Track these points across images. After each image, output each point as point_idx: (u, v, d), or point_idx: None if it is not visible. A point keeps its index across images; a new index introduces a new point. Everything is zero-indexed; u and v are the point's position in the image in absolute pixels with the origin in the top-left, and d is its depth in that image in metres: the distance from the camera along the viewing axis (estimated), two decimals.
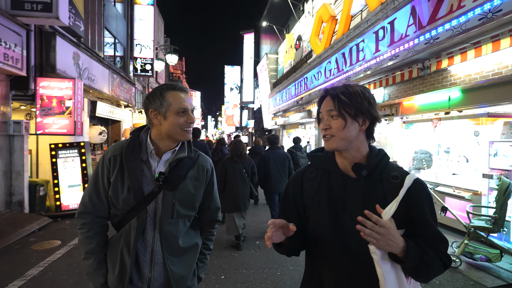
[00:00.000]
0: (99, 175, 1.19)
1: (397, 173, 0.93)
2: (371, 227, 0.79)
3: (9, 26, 4.60)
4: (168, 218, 1.16)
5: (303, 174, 1.07)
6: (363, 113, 0.92)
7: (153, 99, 1.16)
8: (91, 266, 1.16)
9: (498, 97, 3.67)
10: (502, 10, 2.85)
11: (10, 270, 3.24)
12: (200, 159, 1.27)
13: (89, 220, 1.18)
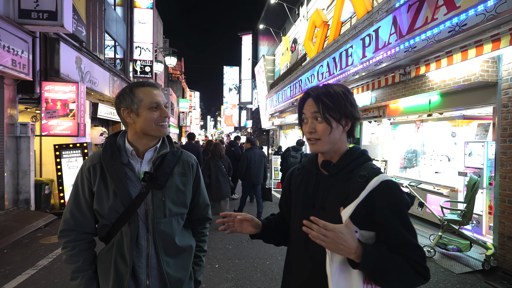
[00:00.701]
0: (79, 188, 1.13)
1: (366, 172, 0.91)
2: (317, 230, 0.80)
3: (17, 34, 4.89)
4: (161, 218, 1.12)
5: (292, 171, 1.14)
6: (346, 116, 0.93)
7: (123, 97, 1.12)
8: (78, 286, 1.08)
9: (470, 101, 3.99)
10: (467, 24, 3.15)
11: (22, 261, 3.54)
12: (183, 155, 1.25)
13: (72, 237, 1.11)
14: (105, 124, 10.13)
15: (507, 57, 3.22)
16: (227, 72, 35.33)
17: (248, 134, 26.90)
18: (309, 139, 0.96)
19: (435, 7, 3.60)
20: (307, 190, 1.01)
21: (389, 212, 0.85)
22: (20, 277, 3.09)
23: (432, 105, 4.76)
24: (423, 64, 4.17)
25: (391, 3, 4.50)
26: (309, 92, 0.97)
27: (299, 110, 1.00)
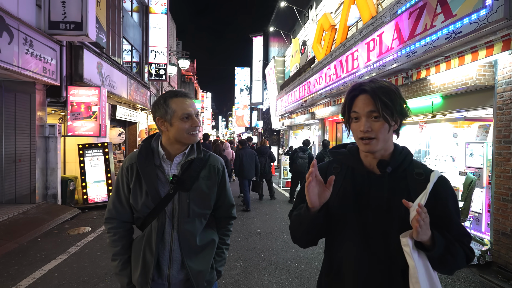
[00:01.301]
0: (119, 183, 1.28)
1: (421, 170, 0.94)
2: (424, 218, 0.79)
3: (47, 44, 5.38)
4: (185, 218, 1.23)
5: (326, 169, 1.07)
6: (400, 114, 0.91)
7: (158, 108, 1.22)
8: (117, 267, 1.27)
9: (469, 103, 4.14)
10: (462, 31, 3.34)
11: (54, 248, 3.97)
12: (211, 159, 1.34)
13: (114, 225, 1.28)
14: (122, 125, 10.67)
15: (502, 62, 3.38)
16: (238, 73, 35.74)
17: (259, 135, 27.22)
18: (362, 138, 0.92)
19: (433, 14, 3.79)
20: (355, 189, 0.97)
21: (451, 205, 0.91)
22: (54, 261, 3.51)
23: (434, 107, 4.91)
24: (424, 68, 4.36)
25: (394, 10, 4.69)
26: (365, 88, 0.92)
27: (348, 106, 0.95)
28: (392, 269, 0.89)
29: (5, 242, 3.98)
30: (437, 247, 0.83)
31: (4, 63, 4.30)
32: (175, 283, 1.23)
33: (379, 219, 0.90)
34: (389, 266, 0.90)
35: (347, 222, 0.96)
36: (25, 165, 5.63)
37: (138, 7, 12.10)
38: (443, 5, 3.64)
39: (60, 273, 3.19)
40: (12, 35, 4.44)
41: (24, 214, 5.07)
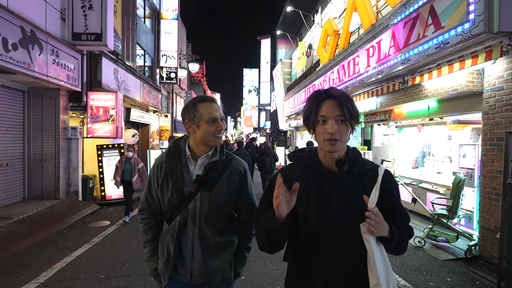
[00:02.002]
0: (151, 179, 1.38)
1: (370, 166, 1.07)
2: (374, 218, 0.91)
3: (70, 53, 5.89)
4: (205, 216, 1.30)
5: (289, 172, 1.14)
6: (356, 120, 1.02)
7: (187, 111, 1.32)
8: (147, 253, 1.39)
9: (461, 107, 4.39)
10: (449, 42, 3.61)
11: (79, 238, 4.44)
12: (233, 162, 1.40)
13: (146, 216, 1.40)
14: (135, 127, 11.21)
15: (487, 70, 3.64)
16: (247, 74, 36.15)
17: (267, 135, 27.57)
18: (329, 139, 0.99)
19: (425, 25, 4.07)
20: (318, 188, 1.05)
21: (396, 193, 1.06)
22: (80, 249, 3.97)
23: (430, 110, 5.17)
24: (418, 74, 4.63)
25: (391, 19, 4.98)
26: (332, 93, 1.01)
27: (315, 109, 1.01)
28: (356, 257, 0.99)
29: (37, 233, 4.47)
30: (395, 239, 0.96)
31: (36, 72, 4.81)
32: (196, 275, 1.32)
33: (341, 213, 0.99)
34: (353, 255, 0.99)
35: (313, 220, 1.02)
36: (50, 164, 6.16)
37: (150, 13, 12.64)
38: (433, 17, 3.92)
39: (87, 259, 3.64)
40: (41, 47, 4.95)
41: (51, 209, 5.58)
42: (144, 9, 11.89)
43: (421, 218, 5.40)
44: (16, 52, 4.37)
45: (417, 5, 4.24)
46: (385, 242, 0.97)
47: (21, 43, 4.46)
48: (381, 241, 0.97)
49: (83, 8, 5.86)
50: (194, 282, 1.32)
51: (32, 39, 4.71)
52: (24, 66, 4.55)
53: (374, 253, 0.93)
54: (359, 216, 0.95)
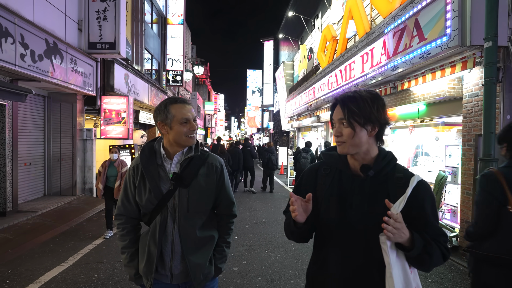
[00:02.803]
0: (127, 183, 1.38)
1: (402, 174, 1.01)
2: (393, 224, 0.87)
3: (86, 61, 6.38)
4: (184, 213, 1.31)
5: (317, 170, 1.15)
6: (371, 121, 0.97)
7: (159, 113, 1.32)
8: (125, 259, 1.37)
9: (446, 111, 4.78)
10: (431, 53, 4.01)
11: (97, 230, 4.91)
12: (209, 157, 1.41)
13: (123, 221, 1.39)
14: (143, 128, 11.72)
15: (466, 78, 4.02)
16: (250, 75, 36.62)
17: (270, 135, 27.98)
18: (337, 142, 1.03)
19: (411, 36, 4.47)
20: (341, 191, 1.05)
21: (428, 208, 0.97)
22: (100, 239, 4.44)
23: (420, 113, 5.55)
24: (406, 80, 5.02)
25: (382, 29, 5.38)
26: (337, 98, 1.05)
27: (330, 115, 1.08)
28: (369, 265, 0.98)
29: (60, 224, 4.96)
30: (415, 248, 0.91)
31: (58, 80, 5.31)
32: (176, 274, 1.32)
33: (360, 219, 0.98)
34: (367, 262, 0.98)
35: (332, 221, 1.03)
36: (67, 164, 6.67)
37: (157, 19, 13.15)
38: (418, 29, 4.31)
39: (106, 246, 4.11)
40: (62, 57, 5.44)
41: (69, 204, 6.08)
42: (151, 15, 12.40)
43: None
44: (42, 62, 4.86)
45: (404, 17, 4.63)
46: (404, 250, 0.94)
47: (45, 54, 4.96)
48: (400, 248, 0.94)
49: (98, 20, 6.35)
50: (176, 281, 1.34)
51: (54, 49, 5.21)
52: (48, 74, 5.05)
53: (391, 266, 0.91)
54: (379, 226, 0.92)
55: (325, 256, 1.07)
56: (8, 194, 4.94)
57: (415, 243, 0.92)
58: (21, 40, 4.40)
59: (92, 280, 3.11)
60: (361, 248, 0.99)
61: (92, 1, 6.33)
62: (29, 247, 4.03)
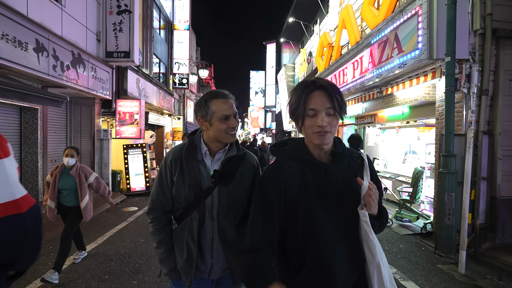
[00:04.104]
0: (163, 176, 1.35)
1: (356, 154, 1.13)
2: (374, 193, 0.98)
3: (104, 68, 7.09)
4: (224, 211, 1.30)
5: (281, 168, 1.08)
6: (345, 110, 1.04)
7: (200, 108, 1.31)
8: (162, 253, 1.34)
9: (424, 113, 5.38)
10: (407, 64, 4.61)
11: (117, 218, 5.60)
12: (247, 156, 1.41)
13: (158, 215, 1.37)
14: (151, 128, 12.42)
15: (437, 85, 4.62)
16: (253, 76, 37.21)
17: (273, 136, 28.63)
18: (319, 132, 0.99)
19: (392, 48, 5.08)
20: (314, 181, 1.04)
21: (376, 176, 1.12)
22: (120, 225, 5.12)
23: (404, 115, 6.16)
24: (390, 86, 5.64)
25: (369, 40, 5.99)
26: (322, 83, 1.00)
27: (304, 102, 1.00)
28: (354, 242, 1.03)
29: None
30: (383, 217, 1.04)
31: (81, 86, 6.01)
32: (215, 270, 1.34)
33: (338, 203, 1.02)
34: (350, 239, 1.03)
35: (312, 214, 1.01)
36: (86, 161, 7.38)
37: (164, 25, 13.86)
38: (397, 42, 4.92)
39: (127, 231, 4.79)
40: (85, 66, 6.15)
41: None
42: (159, 22, 13.11)
43: (392, 204, 6.38)
44: (69, 71, 5.57)
45: (387, 31, 5.24)
46: (373, 220, 1.02)
47: (72, 64, 5.66)
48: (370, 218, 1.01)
49: (115, 31, 7.05)
50: (213, 276, 1.35)
51: (79, 60, 5.91)
52: (73, 82, 5.75)
53: (373, 234, 0.99)
54: (353, 201, 1.02)
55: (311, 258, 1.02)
56: (39, 186, 5.65)
57: (383, 212, 1.06)
58: (53, 53, 5.10)
59: (120, 253, 3.79)
60: (344, 231, 1.03)
61: (109, 14, 7.03)
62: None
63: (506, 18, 4.02)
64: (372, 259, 0.99)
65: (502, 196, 4.05)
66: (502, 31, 3.97)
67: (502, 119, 4.04)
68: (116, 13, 7.04)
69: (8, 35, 4.09)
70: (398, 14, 4.88)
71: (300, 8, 13.08)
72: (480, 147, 3.99)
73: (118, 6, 7.02)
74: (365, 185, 1.00)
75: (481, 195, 3.98)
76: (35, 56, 4.65)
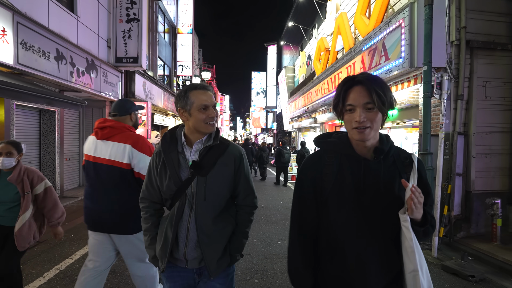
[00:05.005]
0: (151, 168, 1.43)
1: (406, 154, 1.08)
2: (418, 197, 0.91)
3: (114, 73, 7.59)
4: (201, 201, 1.33)
5: (320, 158, 1.10)
6: (390, 106, 1.00)
7: (180, 99, 1.35)
8: (146, 241, 1.42)
9: (410, 116, 5.83)
10: (392, 71, 5.07)
11: None
12: (230, 147, 1.41)
13: (146, 204, 1.44)
14: (156, 128, 12.93)
15: (420, 90, 5.06)
16: (255, 77, 37.67)
17: (274, 136, 29.12)
18: (357, 128, 0.98)
19: (380, 55, 5.54)
20: (352, 176, 1.03)
21: (427, 180, 1.07)
22: None
23: (394, 117, 6.61)
24: None
25: (361, 47, 6.45)
26: (359, 79, 0.99)
27: (342, 98, 1.01)
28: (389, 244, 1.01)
29: None
30: (427, 223, 0.99)
31: (94, 90, 6.52)
32: (190, 260, 1.35)
33: (376, 201, 0.99)
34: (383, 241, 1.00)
35: (346, 210, 1.02)
36: None
37: (168, 29, 14.38)
38: (384, 50, 5.38)
39: None
40: (97, 71, 6.65)
41: None
42: (164, 26, 13.62)
43: None
44: (83, 76, 6.07)
45: (376, 39, 5.70)
46: (416, 226, 0.97)
47: (86, 70, 6.16)
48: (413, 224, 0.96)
49: (124, 38, 7.55)
50: (190, 266, 1.37)
51: (92, 66, 6.42)
52: (87, 86, 6.25)
53: (413, 241, 0.94)
54: (396, 204, 0.96)
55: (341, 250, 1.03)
56: (57, 182, 6.16)
57: (428, 218, 0.99)
58: (71, 61, 5.61)
59: None
60: (378, 230, 1.00)
61: (119, 22, 7.53)
62: (79, 222, 5.22)
63: (478, 31, 4.48)
64: (410, 266, 0.96)
65: (476, 190, 4.50)
66: (475, 42, 4.42)
67: (476, 121, 4.49)
68: (125, 21, 7.55)
69: (33, 46, 4.59)
70: (385, 25, 5.34)
71: (299, 12, 13.55)
72: (455, 146, 4.45)
73: (127, 15, 7.53)
74: (410, 186, 0.94)
75: (456, 189, 4.44)
76: (55, 64, 5.15)
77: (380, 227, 1.01)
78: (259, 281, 3.05)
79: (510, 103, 4.62)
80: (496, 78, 4.58)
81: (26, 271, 3.19)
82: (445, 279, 3.18)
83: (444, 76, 4.20)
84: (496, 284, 3.12)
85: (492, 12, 4.57)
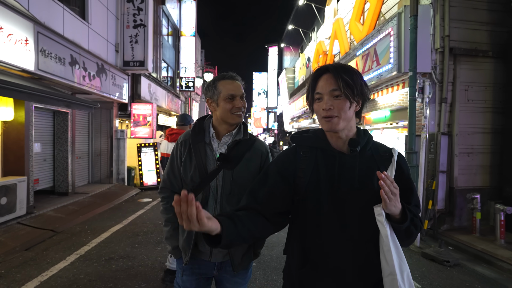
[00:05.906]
0: (174, 156, 1.41)
1: (384, 147, 1.04)
2: (389, 186, 0.83)
3: (122, 76, 8.00)
4: (226, 194, 1.32)
5: (295, 153, 1.06)
6: (362, 94, 0.95)
7: (208, 89, 1.36)
8: (168, 231, 1.43)
9: (401, 117, 6.19)
10: (382, 75, 5.44)
11: (134, 207, 6.50)
12: (256, 142, 1.41)
13: (167, 194, 1.43)
14: (160, 129, 13.33)
15: None
16: (256, 78, 38.08)
17: (275, 135, 29.48)
18: (325, 117, 0.95)
19: (372, 60, 5.91)
20: (328, 171, 0.98)
21: (410, 177, 1.02)
22: (139, 212, 6.01)
23: (386, 118, 6.98)
24: (373, 93, 6.46)
25: (355, 52, 6.82)
26: (329, 67, 0.96)
27: (312, 87, 0.99)
28: (368, 244, 0.94)
29: (106, 203, 6.56)
30: (408, 220, 0.90)
31: (104, 93, 6.93)
32: (215, 253, 1.35)
33: (354, 195, 0.94)
34: (366, 242, 0.94)
35: (323, 205, 0.96)
36: (105, 158, 8.30)
37: (172, 32, 14.78)
38: (376, 56, 5.75)
39: (146, 216, 5.68)
40: (107, 75, 7.06)
41: (109, 190, 7.70)
42: (167, 29, 14.03)
43: None
44: (94, 80, 6.48)
45: (368, 45, 6.07)
46: (395, 223, 0.91)
47: (97, 74, 6.57)
48: (391, 221, 0.91)
49: (131, 43, 7.96)
50: (214, 259, 1.36)
51: (102, 70, 6.83)
52: (98, 89, 6.66)
53: (389, 238, 0.88)
54: (373, 199, 0.91)
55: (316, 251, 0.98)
56: (69, 179, 6.57)
57: (407, 214, 0.91)
58: (83, 65, 6.02)
59: (143, 231, 4.68)
60: (357, 229, 0.95)
61: (126, 28, 7.94)
62: (91, 216, 5.63)
63: (461, 39, 4.84)
64: (387, 268, 0.89)
65: (459, 186, 4.86)
66: (458, 49, 4.78)
67: (459, 122, 4.85)
68: (132, 27, 7.95)
69: (51, 53, 5.00)
70: (376, 32, 5.71)
71: (299, 16, 13.92)
72: (440, 145, 4.81)
73: (134, 21, 7.94)
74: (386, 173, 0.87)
75: (440, 185, 4.80)
76: (70, 69, 5.56)
77: (357, 226, 0.95)
78: (256, 264, 3.43)
79: (491, 105, 4.98)
80: (478, 83, 4.94)
81: (50, 255, 3.60)
82: (423, 264, 3.55)
83: (426, 81, 4.57)
84: (469, 268, 3.49)
85: (474, 21, 4.93)
